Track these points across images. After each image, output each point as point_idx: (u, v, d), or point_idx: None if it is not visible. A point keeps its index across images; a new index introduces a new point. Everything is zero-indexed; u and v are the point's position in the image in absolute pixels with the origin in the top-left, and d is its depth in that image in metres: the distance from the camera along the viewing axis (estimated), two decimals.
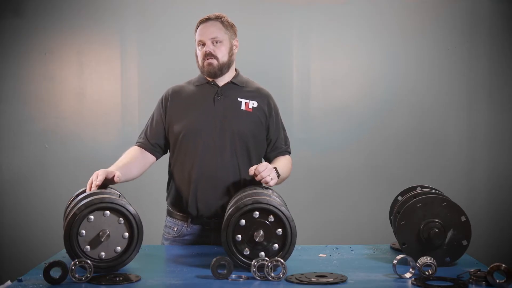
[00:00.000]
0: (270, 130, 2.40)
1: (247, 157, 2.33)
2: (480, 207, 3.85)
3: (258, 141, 2.37)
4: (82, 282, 1.71)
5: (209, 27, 2.32)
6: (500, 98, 3.86)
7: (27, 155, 3.83)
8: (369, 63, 3.88)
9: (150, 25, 3.83)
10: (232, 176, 2.30)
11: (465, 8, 3.83)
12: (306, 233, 2.74)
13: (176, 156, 2.37)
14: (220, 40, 2.31)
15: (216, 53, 2.30)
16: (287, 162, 2.42)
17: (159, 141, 2.40)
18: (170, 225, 2.41)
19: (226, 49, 2.33)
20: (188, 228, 2.35)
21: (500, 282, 1.66)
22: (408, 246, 1.92)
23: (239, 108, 2.34)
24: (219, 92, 2.35)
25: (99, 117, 3.83)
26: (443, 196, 2.00)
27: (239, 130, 2.31)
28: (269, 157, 2.44)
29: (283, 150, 2.45)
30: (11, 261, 3.83)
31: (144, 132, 2.43)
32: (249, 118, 2.34)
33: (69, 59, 3.83)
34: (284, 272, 1.74)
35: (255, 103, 2.36)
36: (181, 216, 2.36)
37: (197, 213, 2.32)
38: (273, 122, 2.41)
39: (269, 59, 3.82)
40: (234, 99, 2.35)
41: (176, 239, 2.37)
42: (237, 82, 2.38)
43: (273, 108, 2.41)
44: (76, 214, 1.80)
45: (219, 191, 2.29)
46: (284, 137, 2.47)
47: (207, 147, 2.30)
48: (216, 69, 2.31)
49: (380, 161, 3.87)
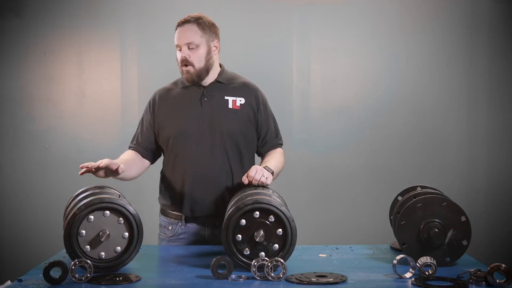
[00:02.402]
0: (259, 124, 2.40)
1: (238, 155, 2.35)
2: (480, 207, 3.84)
3: (248, 138, 2.38)
4: (82, 282, 1.71)
5: (185, 31, 2.30)
6: (500, 98, 3.86)
7: (27, 155, 3.83)
8: (369, 63, 3.87)
9: (150, 25, 3.83)
10: (224, 175, 2.33)
11: (465, 8, 3.83)
12: (306, 233, 2.74)
13: (168, 158, 2.39)
14: (197, 44, 2.29)
15: (192, 59, 2.29)
16: (279, 155, 2.42)
17: (151, 146, 2.41)
18: (164, 225, 2.42)
19: (203, 53, 2.30)
20: (183, 227, 2.36)
21: (500, 282, 1.66)
22: (408, 246, 1.92)
23: (226, 107, 2.34)
24: (205, 93, 2.35)
25: (99, 117, 3.83)
26: (443, 196, 2.00)
27: (228, 130, 2.32)
28: (261, 152, 2.45)
29: (274, 143, 2.45)
30: (11, 261, 3.82)
31: (136, 138, 2.44)
32: (237, 116, 2.34)
33: (69, 59, 3.83)
34: (284, 272, 1.74)
35: (242, 100, 2.36)
36: (175, 215, 2.38)
37: (192, 214, 2.34)
38: (262, 116, 2.40)
39: (269, 59, 3.82)
40: (220, 98, 2.35)
41: (172, 239, 2.39)
42: (222, 80, 2.38)
43: (261, 102, 2.40)
44: (76, 214, 1.80)
45: (212, 191, 2.31)
46: (274, 129, 2.46)
47: (198, 149, 2.31)
48: (193, 77, 2.31)
49: (380, 161, 3.87)
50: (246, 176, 2.13)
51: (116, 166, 2.11)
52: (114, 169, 2.11)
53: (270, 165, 2.25)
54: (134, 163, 2.36)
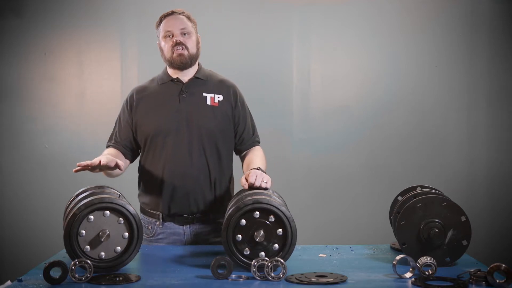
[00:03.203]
0: (236, 120, 2.39)
1: (216, 153, 2.34)
2: (480, 207, 3.84)
3: (226, 136, 2.37)
4: (82, 282, 1.71)
5: (176, 19, 2.33)
6: (500, 98, 3.86)
7: (27, 155, 3.83)
8: (369, 63, 3.87)
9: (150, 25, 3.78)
10: (202, 173, 2.31)
11: (465, 8, 3.83)
12: (306, 233, 2.73)
13: (145, 156, 2.37)
14: (189, 31, 2.32)
15: (186, 43, 2.31)
16: (261, 153, 2.42)
17: (129, 144, 2.40)
18: (144, 224, 2.39)
19: (194, 41, 2.34)
20: (161, 226, 2.36)
21: (500, 282, 1.66)
22: (408, 246, 1.92)
23: (204, 104, 2.33)
24: (183, 89, 2.34)
25: (99, 117, 3.82)
26: (443, 196, 2.00)
27: (206, 126, 2.31)
28: (240, 150, 2.44)
29: (252, 141, 2.44)
30: (11, 261, 3.82)
31: (113, 137, 2.43)
32: (215, 113, 2.33)
33: (69, 59, 3.83)
34: (284, 272, 1.74)
35: (220, 97, 2.36)
36: (152, 214, 2.37)
37: (169, 211, 2.33)
38: (239, 112, 2.40)
39: (269, 59, 3.82)
40: (199, 95, 2.34)
41: (152, 239, 2.38)
42: (201, 76, 2.38)
43: (238, 98, 2.40)
44: (76, 214, 1.80)
45: (190, 189, 2.30)
46: (251, 126, 2.46)
47: (175, 146, 2.30)
48: (187, 59, 2.31)
49: (380, 161, 3.87)
50: (245, 181, 2.10)
51: (114, 163, 2.10)
52: (113, 165, 2.10)
53: (262, 166, 2.25)
54: (121, 158, 2.34)
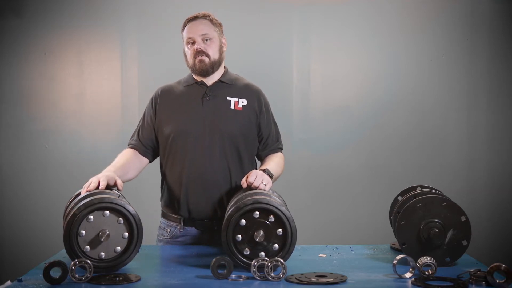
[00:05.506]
0: (261, 127, 2.37)
1: (238, 157, 2.31)
2: (480, 207, 3.84)
3: (249, 141, 2.34)
4: (82, 282, 1.71)
5: (198, 24, 2.29)
6: (500, 98, 3.86)
7: (27, 155, 3.83)
8: (369, 63, 3.87)
9: (150, 25, 3.83)
10: (223, 178, 2.28)
11: (465, 8, 3.83)
12: (306, 233, 2.74)
13: (167, 157, 2.34)
14: (210, 37, 2.29)
15: (207, 50, 2.28)
16: (279, 159, 2.39)
17: (151, 143, 2.37)
18: (163, 227, 2.39)
19: (217, 46, 2.31)
20: (181, 230, 2.33)
21: (500, 282, 1.66)
22: (408, 246, 1.92)
23: (228, 108, 2.31)
24: (207, 92, 2.32)
25: (99, 117, 3.83)
26: (443, 196, 2.00)
27: (228, 130, 2.28)
28: (261, 155, 2.42)
29: (275, 147, 2.42)
30: (11, 261, 3.83)
31: (137, 133, 2.40)
32: (238, 117, 2.31)
33: (69, 59, 3.83)
34: (284, 272, 1.74)
35: (244, 101, 2.33)
36: (174, 218, 2.34)
37: (189, 215, 2.31)
38: (264, 119, 2.37)
39: (269, 59, 3.82)
40: (223, 99, 2.32)
41: (169, 241, 2.36)
42: (226, 80, 2.35)
43: (263, 105, 2.37)
44: (76, 214, 1.80)
45: (210, 193, 2.27)
46: (275, 133, 2.44)
47: (196, 149, 2.27)
48: (208, 66, 2.29)
49: (380, 161, 3.87)
50: (245, 180, 2.10)
51: (113, 182, 2.05)
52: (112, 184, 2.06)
53: (270, 168, 2.23)
54: (130, 165, 2.31)
